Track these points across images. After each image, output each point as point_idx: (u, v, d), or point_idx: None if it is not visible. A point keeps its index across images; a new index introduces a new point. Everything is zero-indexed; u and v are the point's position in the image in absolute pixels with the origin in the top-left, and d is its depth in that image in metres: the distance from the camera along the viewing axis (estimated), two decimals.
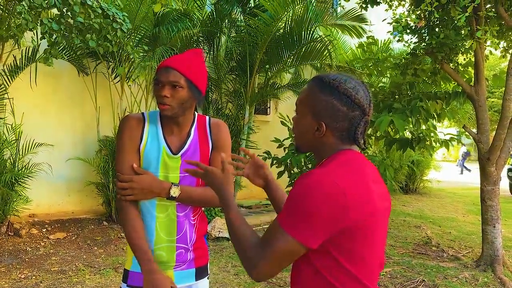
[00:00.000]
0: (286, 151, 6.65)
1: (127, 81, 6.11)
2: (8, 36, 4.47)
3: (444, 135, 5.75)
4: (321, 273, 1.10)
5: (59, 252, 4.85)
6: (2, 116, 5.35)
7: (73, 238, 5.37)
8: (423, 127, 5.57)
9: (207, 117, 1.78)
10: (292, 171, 6.76)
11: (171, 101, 1.58)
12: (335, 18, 7.74)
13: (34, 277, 4.09)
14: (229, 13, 6.90)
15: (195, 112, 1.75)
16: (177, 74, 1.57)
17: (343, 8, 7.34)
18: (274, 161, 6.65)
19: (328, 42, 7.06)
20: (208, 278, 1.81)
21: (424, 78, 5.45)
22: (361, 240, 1.09)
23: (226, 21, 7.01)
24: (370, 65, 6.35)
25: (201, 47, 7.20)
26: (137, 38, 6.10)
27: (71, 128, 6.36)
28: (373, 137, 5.89)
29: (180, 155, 1.66)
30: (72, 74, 6.24)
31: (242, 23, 7.24)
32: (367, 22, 7.59)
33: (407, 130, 5.75)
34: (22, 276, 4.09)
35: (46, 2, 3.80)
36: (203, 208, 1.81)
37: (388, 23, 5.04)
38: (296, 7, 6.62)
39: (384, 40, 7.76)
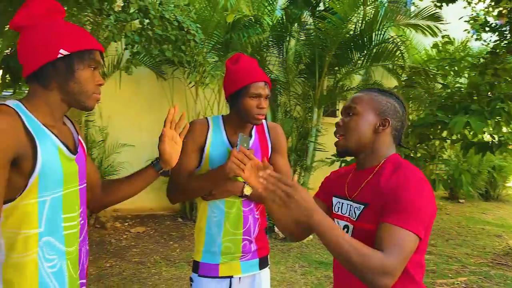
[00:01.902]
0: None
1: (201, 85, 6.43)
2: None
3: None
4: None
5: (139, 245, 5.24)
6: (92, 118, 5.91)
7: (151, 232, 5.77)
8: (505, 130, 5.23)
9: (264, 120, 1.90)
10: None
11: (265, 111, 1.77)
12: (408, 17, 7.50)
13: (117, 266, 4.47)
14: (299, 17, 6.97)
15: None
16: (268, 87, 1.78)
17: (416, 7, 7.10)
18: (343, 164, 6.60)
19: (400, 42, 6.86)
20: (269, 268, 1.93)
21: (507, 78, 5.12)
22: (430, 228, 1.25)
23: (296, 25, 7.08)
24: (445, 65, 6.09)
25: (271, 52, 7.36)
26: (210, 45, 6.40)
27: (149, 130, 6.80)
28: (448, 140, 5.63)
29: None
30: (151, 79, 6.69)
31: (311, 26, 7.27)
32: (442, 20, 7.26)
33: (486, 133, 5.44)
34: (107, 265, 4.50)
35: (130, 16, 4.16)
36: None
37: (465, 21, 4.82)
38: (367, 8, 6.53)
39: (462, 39, 7.38)
